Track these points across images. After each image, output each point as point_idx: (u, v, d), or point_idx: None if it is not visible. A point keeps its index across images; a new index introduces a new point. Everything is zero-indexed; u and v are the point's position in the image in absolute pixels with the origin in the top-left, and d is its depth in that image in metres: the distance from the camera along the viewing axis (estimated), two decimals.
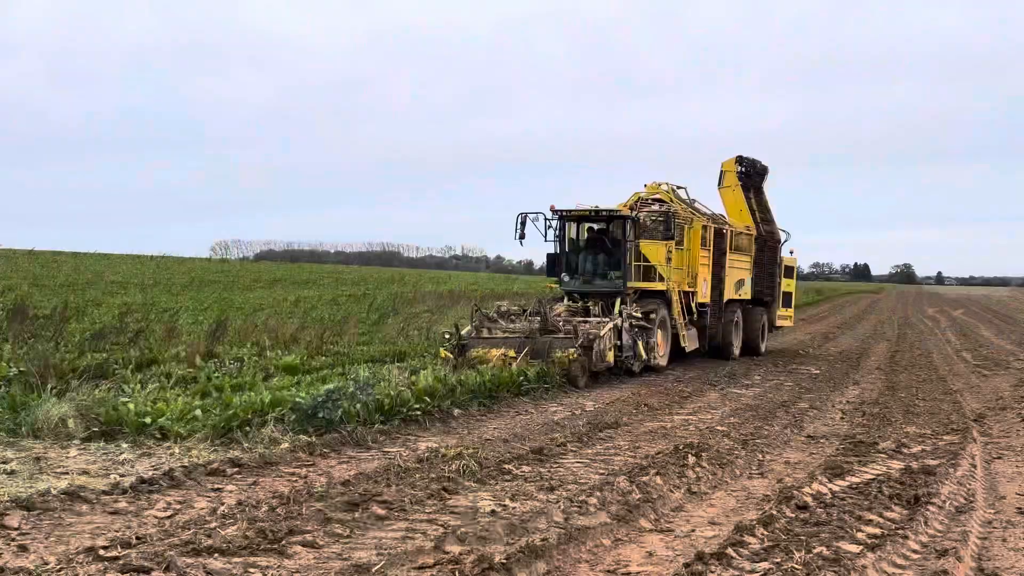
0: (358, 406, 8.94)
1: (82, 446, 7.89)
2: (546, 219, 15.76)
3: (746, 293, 19.12)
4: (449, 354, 13.26)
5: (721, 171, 19.99)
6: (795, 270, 21.87)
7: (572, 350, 12.82)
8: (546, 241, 15.92)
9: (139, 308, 22.09)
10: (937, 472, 7.21)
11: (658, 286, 15.78)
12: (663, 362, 15.50)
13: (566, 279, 16.06)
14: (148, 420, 8.36)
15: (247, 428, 8.34)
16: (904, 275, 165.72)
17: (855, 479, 7.03)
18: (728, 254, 17.95)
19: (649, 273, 15.80)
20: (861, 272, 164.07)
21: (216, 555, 4.89)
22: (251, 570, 4.73)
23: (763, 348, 19.56)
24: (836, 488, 6.71)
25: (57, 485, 6.34)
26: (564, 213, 15.83)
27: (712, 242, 17.43)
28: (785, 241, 20.93)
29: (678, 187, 18.01)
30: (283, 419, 8.62)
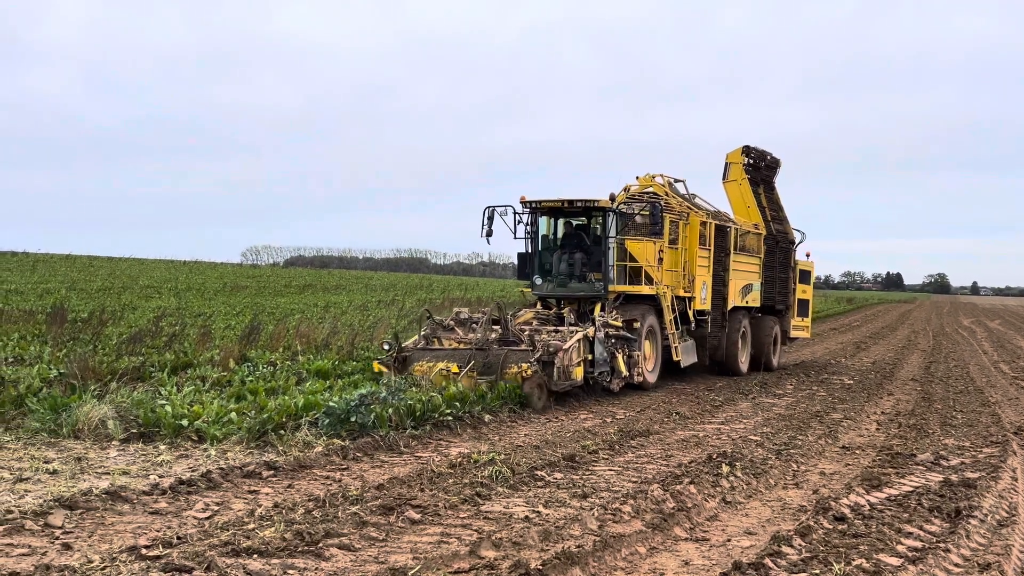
0: (390, 411, 9.00)
1: (121, 447, 8.03)
2: (515, 213, 13.76)
3: (754, 300, 17.04)
4: (384, 368, 11.62)
5: (726, 163, 17.93)
6: (812, 275, 19.78)
7: (527, 365, 11.05)
8: (515, 238, 13.89)
9: (173, 312, 22.44)
10: (978, 485, 7.09)
11: (645, 290, 13.74)
12: (651, 379, 13.51)
13: (538, 282, 14.09)
14: (185, 422, 8.49)
15: (281, 431, 8.44)
16: (938, 285, 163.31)
17: (893, 491, 6.93)
18: (732, 255, 15.93)
19: (637, 275, 13.89)
20: (894, 281, 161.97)
21: (255, 556, 4.94)
22: (290, 571, 4.77)
23: (776, 362, 17.60)
24: (874, 500, 6.62)
25: (99, 485, 6.45)
26: (535, 205, 13.87)
27: (713, 241, 15.36)
28: (800, 242, 19.05)
29: (675, 180, 16.19)
30: (316, 423, 8.70)
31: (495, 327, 12.24)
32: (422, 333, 12.52)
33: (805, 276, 19.34)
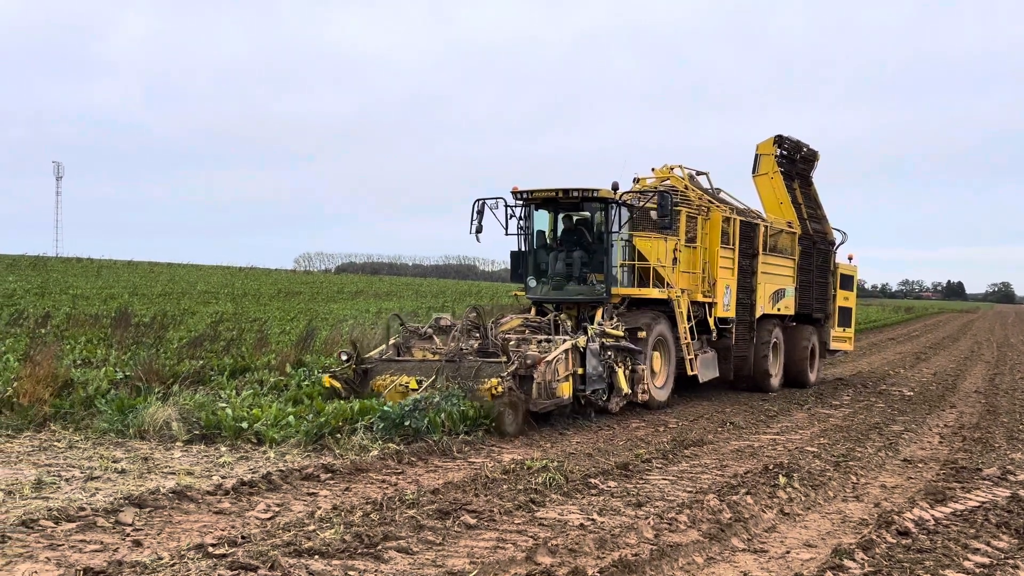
0: (443, 416, 9.09)
1: (184, 448, 8.28)
2: (507, 206, 12.38)
3: (788, 307, 15.31)
4: (336, 382, 10.23)
5: (756, 155, 16.19)
6: (855, 280, 17.90)
7: (497, 379, 9.44)
8: (507, 234, 12.46)
9: (230, 317, 22.98)
10: None
11: (654, 293, 12.27)
12: (661, 396, 12.01)
13: (532, 284, 12.67)
14: (244, 425, 8.71)
15: (338, 435, 8.60)
16: (1002, 294, 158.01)
17: (959, 506, 6.75)
18: (761, 256, 14.37)
19: (647, 277, 12.48)
20: (955, 290, 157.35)
21: (316, 556, 5.05)
22: (350, 572, 4.86)
23: (813, 378, 15.91)
24: (939, 514, 6.45)
25: (165, 484, 6.67)
26: (528, 196, 12.37)
27: (738, 239, 13.78)
28: (841, 243, 17.24)
29: (698, 172, 14.65)
30: (372, 427, 8.84)
31: (477, 335, 10.82)
32: (391, 342, 11.16)
33: (847, 281, 17.48)
